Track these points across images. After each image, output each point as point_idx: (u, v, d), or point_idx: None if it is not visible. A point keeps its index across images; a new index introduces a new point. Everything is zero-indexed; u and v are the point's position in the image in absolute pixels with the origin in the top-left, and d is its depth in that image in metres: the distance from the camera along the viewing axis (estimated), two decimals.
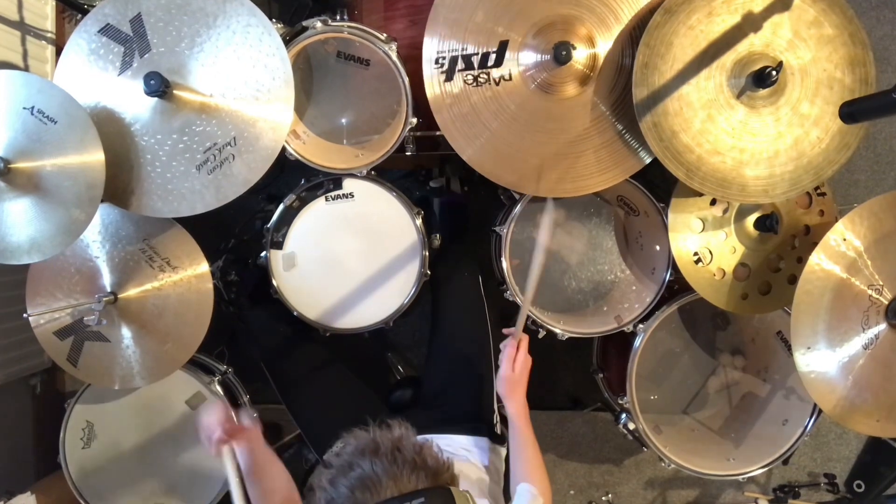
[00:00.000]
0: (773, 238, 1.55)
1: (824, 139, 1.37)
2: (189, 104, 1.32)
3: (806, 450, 2.23)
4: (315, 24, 1.46)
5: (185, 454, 1.70)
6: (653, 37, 1.30)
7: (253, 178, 1.33)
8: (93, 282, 1.50)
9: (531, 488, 1.22)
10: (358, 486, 0.86)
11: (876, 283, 1.36)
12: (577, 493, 2.28)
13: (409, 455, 0.88)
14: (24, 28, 1.81)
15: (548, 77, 1.38)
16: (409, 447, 0.89)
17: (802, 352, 1.36)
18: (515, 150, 1.42)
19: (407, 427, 0.95)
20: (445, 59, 1.37)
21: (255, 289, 1.86)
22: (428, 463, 0.89)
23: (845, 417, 1.38)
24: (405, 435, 0.93)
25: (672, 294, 1.65)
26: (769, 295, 1.57)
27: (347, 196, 1.62)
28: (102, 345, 1.52)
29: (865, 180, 2.19)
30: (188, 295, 1.51)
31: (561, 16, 1.37)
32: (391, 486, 0.85)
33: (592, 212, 1.79)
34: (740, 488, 2.20)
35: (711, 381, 1.93)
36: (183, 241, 1.51)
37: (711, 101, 1.33)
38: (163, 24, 1.31)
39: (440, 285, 1.71)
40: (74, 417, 1.67)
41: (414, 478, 0.86)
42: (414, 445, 0.91)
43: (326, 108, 1.69)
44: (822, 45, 1.33)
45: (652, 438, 1.66)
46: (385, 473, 0.85)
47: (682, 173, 1.35)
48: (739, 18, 1.31)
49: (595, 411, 2.23)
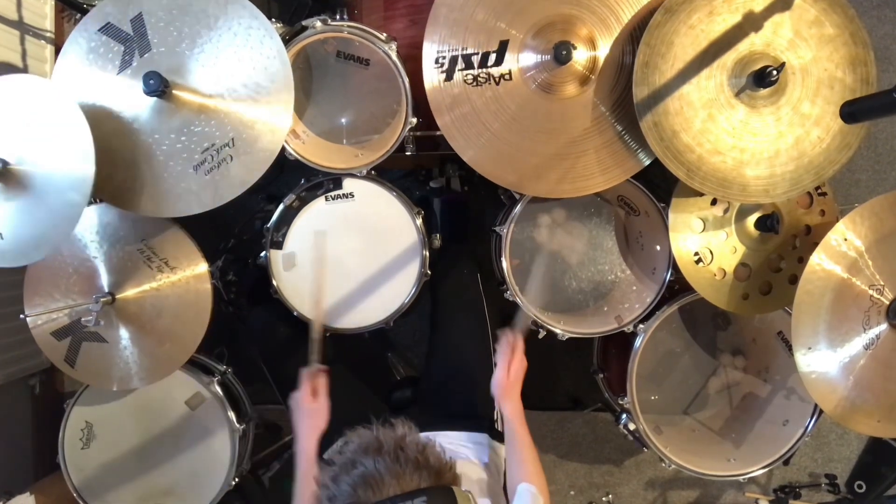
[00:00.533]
0: (773, 238, 1.55)
1: (825, 139, 1.36)
2: (188, 104, 1.32)
3: (807, 450, 2.23)
4: (315, 23, 1.46)
5: (184, 455, 1.69)
6: (653, 36, 1.30)
7: (250, 180, 1.33)
8: (90, 282, 1.50)
9: (531, 487, 1.22)
10: (360, 483, 0.86)
11: (877, 284, 1.36)
12: (578, 494, 2.28)
13: (412, 454, 0.88)
14: (23, 27, 1.81)
15: (548, 77, 1.38)
16: (413, 446, 0.89)
17: (803, 352, 1.35)
18: (516, 150, 1.42)
19: (410, 426, 0.95)
20: (445, 58, 1.37)
21: (254, 289, 1.86)
22: (431, 462, 0.89)
23: (846, 418, 1.38)
24: (408, 433, 0.93)
25: (672, 294, 1.65)
26: (770, 295, 1.57)
27: (347, 196, 1.61)
28: (100, 345, 1.52)
29: (866, 180, 2.19)
30: (187, 295, 1.51)
31: (561, 15, 1.36)
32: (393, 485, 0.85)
33: (593, 212, 1.79)
34: (741, 489, 2.19)
35: (712, 382, 1.93)
36: (181, 241, 1.51)
37: (712, 101, 1.33)
38: (164, 24, 1.31)
39: (440, 285, 1.70)
40: (73, 418, 1.67)
41: (416, 476, 0.86)
42: (417, 444, 0.91)
43: (326, 108, 1.69)
44: (823, 45, 1.33)
45: (652, 439, 1.66)
46: (388, 472, 0.85)
47: (682, 173, 1.35)
48: (740, 18, 1.31)
49: (595, 412, 2.22)
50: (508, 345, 1.37)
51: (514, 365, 1.34)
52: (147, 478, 1.70)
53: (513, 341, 1.37)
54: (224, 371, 1.76)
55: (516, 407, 1.34)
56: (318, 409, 1.33)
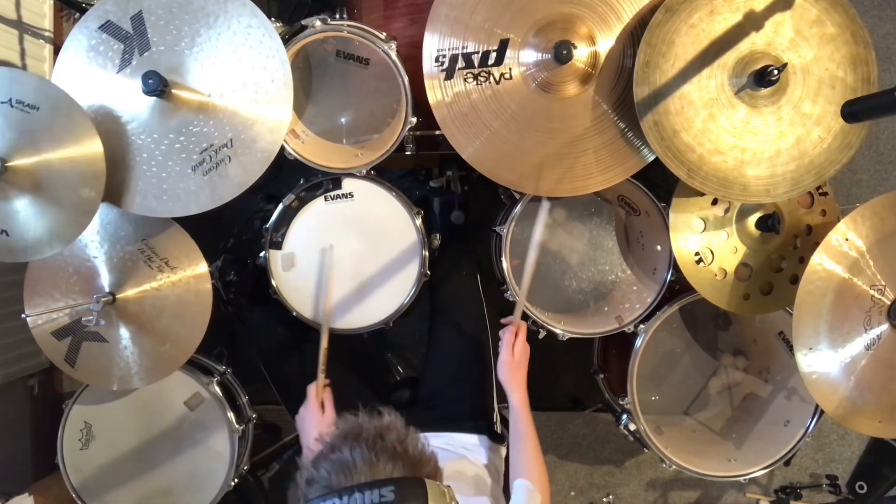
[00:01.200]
0: (774, 238, 1.54)
1: (826, 138, 1.36)
2: (187, 104, 1.31)
3: (808, 451, 2.23)
4: (314, 22, 1.46)
5: (183, 455, 1.69)
6: (654, 35, 1.30)
7: (248, 181, 1.32)
8: (91, 282, 1.50)
9: (527, 483, 1.22)
10: (335, 468, 0.86)
11: (878, 284, 1.35)
12: (578, 495, 2.28)
13: (390, 443, 0.88)
14: (21, 27, 1.81)
15: (548, 76, 1.38)
16: (393, 436, 0.89)
17: (804, 352, 1.35)
18: (516, 149, 1.41)
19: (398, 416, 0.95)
20: (446, 57, 1.37)
21: (253, 289, 1.86)
22: (409, 452, 0.89)
23: (847, 418, 1.38)
24: (393, 423, 0.92)
25: (673, 294, 1.65)
26: (771, 295, 1.56)
27: (347, 196, 1.61)
28: (100, 345, 1.52)
29: (868, 180, 2.19)
30: (187, 295, 1.50)
31: (562, 14, 1.36)
32: (365, 472, 0.85)
33: (593, 211, 1.78)
34: (742, 489, 2.19)
35: (713, 382, 1.93)
36: (182, 241, 1.50)
37: (713, 101, 1.32)
38: (163, 23, 1.31)
39: (439, 285, 1.70)
40: (72, 418, 1.67)
41: (390, 465, 0.86)
42: (398, 433, 0.90)
43: (325, 108, 1.68)
44: (824, 44, 1.33)
45: (653, 439, 1.65)
46: (362, 459, 0.85)
47: (683, 173, 1.35)
48: (741, 17, 1.30)
49: (596, 412, 2.22)
50: (511, 329, 1.40)
51: (518, 344, 1.38)
52: (146, 479, 1.70)
53: (515, 326, 1.39)
54: (223, 371, 1.75)
55: (523, 394, 1.37)
56: (327, 423, 1.34)
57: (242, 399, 1.80)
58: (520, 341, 1.40)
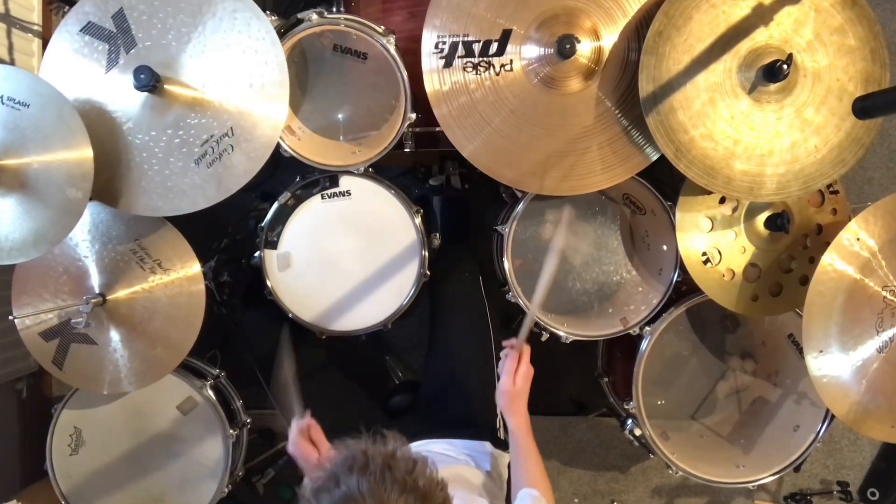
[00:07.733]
0: (783, 238, 1.52)
1: (822, 150, 1.34)
2: (181, 98, 1.30)
3: (818, 456, 2.21)
4: (310, 16, 1.45)
5: (176, 461, 1.67)
6: (673, 6, 1.27)
7: (254, 168, 1.31)
8: (81, 282, 1.47)
9: (533, 492, 1.19)
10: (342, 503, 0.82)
11: (891, 285, 1.34)
12: (582, 501, 2.26)
13: (400, 475, 0.84)
14: (9, 20, 1.79)
15: (551, 71, 1.36)
16: (402, 465, 0.86)
17: (814, 355, 1.34)
18: (517, 146, 1.40)
19: (403, 441, 0.92)
20: (446, 44, 1.35)
21: (248, 290, 1.85)
22: (419, 484, 0.85)
23: (859, 423, 1.37)
24: (399, 449, 0.89)
25: (680, 295, 1.63)
26: (780, 296, 1.54)
27: (344, 194, 1.60)
28: (89, 347, 1.49)
29: (879, 178, 2.17)
30: (179, 297, 1.48)
31: (565, 8, 1.35)
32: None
33: (597, 210, 1.77)
34: (750, 496, 2.18)
35: (720, 386, 1.91)
36: (175, 241, 1.48)
37: (717, 85, 1.30)
38: (146, 18, 1.29)
39: (439, 286, 1.69)
40: (62, 423, 1.65)
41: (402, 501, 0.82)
42: (406, 463, 0.87)
43: (322, 104, 1.67)
44: (841, 55, 1.31)
45: (659, 445, 1.64)
46: (371, 494, 0.82)
47: (670, 151, 1.32)
48: (763, 5, 1.27)
49: (600, 417, 2.20)
50: (514, 352, 1.30)
51: (520, 372, 1.27)
52: (137, 485, 1.68)
53: (518, 348, 1.30)
54: (217, 375, 1.73)
55: (522, 420, 1.28)
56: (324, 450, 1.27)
57: (236, 403, 1.78)
58: (522, 368, 1.27)
